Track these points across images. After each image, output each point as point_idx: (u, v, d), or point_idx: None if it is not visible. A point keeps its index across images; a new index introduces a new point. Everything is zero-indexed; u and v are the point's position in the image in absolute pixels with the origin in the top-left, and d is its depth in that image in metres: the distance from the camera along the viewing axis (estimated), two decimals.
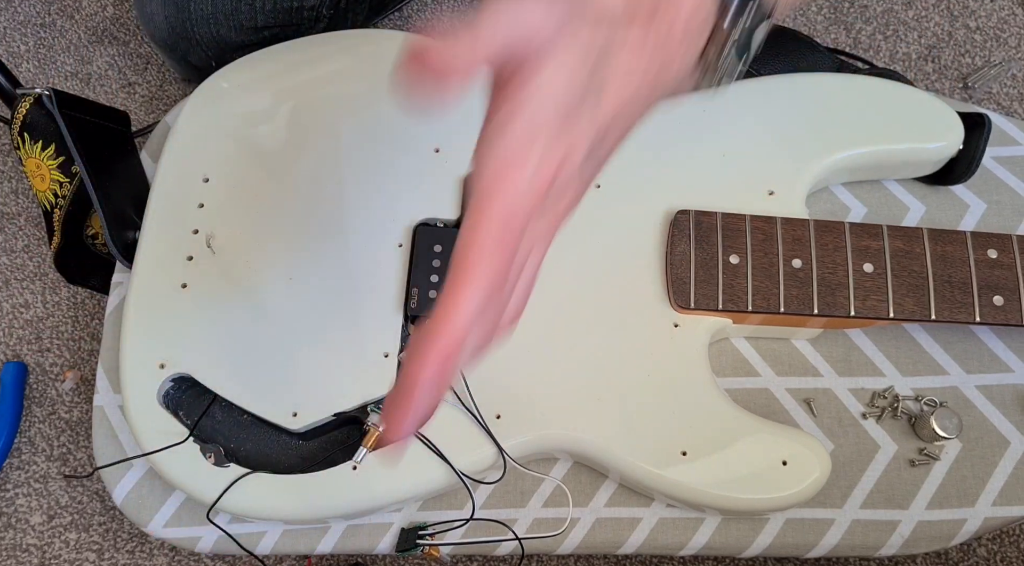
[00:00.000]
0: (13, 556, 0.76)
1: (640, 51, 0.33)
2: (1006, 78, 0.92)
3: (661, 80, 0.35)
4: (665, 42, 0.34)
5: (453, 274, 0.31)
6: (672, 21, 0.34)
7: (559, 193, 0.32)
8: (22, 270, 0.87)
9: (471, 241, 0.31)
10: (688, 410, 0.56)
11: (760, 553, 0.59)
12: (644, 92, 0.35)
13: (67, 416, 0.81)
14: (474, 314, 0.31)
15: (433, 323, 0.32)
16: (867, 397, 0.61)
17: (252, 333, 0.58)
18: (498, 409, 0.56)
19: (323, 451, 0.58)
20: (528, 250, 0.34)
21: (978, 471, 0.59)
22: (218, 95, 0.65)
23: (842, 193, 0.66)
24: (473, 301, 0.31)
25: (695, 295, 0.57)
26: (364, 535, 0.60)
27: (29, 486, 0.78)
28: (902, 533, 0.58)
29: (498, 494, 0.60)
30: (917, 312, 0.57)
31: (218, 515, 0.57)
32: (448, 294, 0.31)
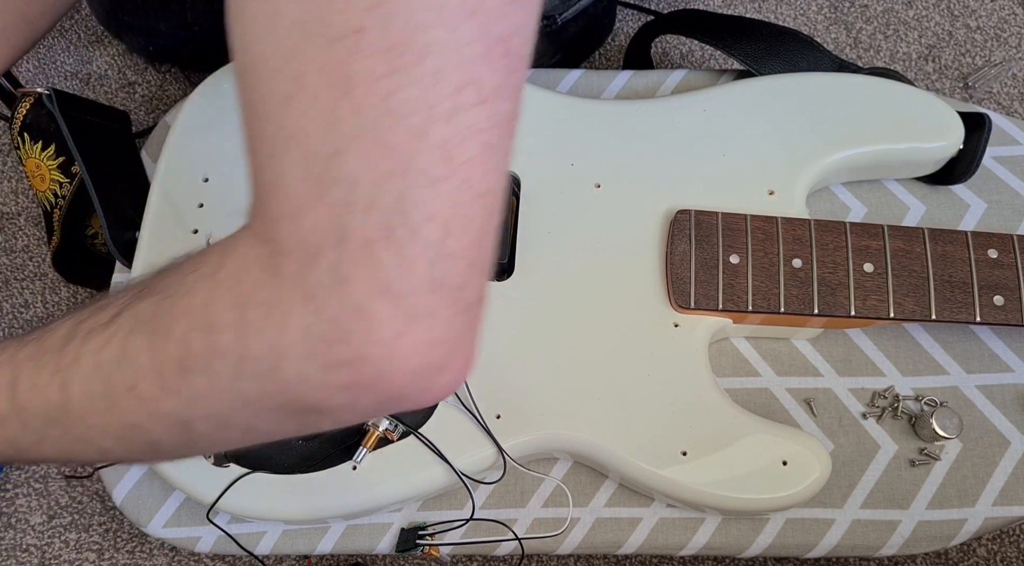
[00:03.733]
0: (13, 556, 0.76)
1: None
2: (1006, 78, 0.92)
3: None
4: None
5: None
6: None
7: None
8: (22, 270, 0.87)
9: None
10: (688, 410, 0.56)
11: (760, 553, 0.59)
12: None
13: None
14: None
15: None
16: (867, 397, 0.61)
17: None
18: (498, 409, 0.56)
19: (323, 451, 0.58)
20: None
21: (978, 471, 0.59)
22: (218, 94, 0.65)
23: (842, 193, 0.66)
24: None
25: (695, 295, 0.57)
26: (364, 535, 0.60)
27: (29, 486, 0.78)
28: (902, 533, 0.58)
29: (498, 494, 0.60)
30: (917, 312, 0.57)
31: (218, 515, 0.57)
32: None
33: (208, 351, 0.32)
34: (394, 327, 0.30)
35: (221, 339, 0.31)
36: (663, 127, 0.62)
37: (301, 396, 0.32)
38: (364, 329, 0.30)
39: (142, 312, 0.33)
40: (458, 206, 0.30)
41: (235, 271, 0.32)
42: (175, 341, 0.32)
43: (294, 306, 0.30)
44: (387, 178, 0.29)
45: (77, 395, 0.34)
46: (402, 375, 0.31)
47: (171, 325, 0.32)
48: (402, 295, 0.30)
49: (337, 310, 0.30)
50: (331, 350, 0.30)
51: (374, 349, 0.30)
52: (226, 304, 0.31)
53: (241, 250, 0.32)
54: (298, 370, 0.31)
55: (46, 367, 0.35)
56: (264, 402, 0.33)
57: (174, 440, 0.35)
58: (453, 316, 0.31)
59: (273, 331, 0.30)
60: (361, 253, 0.29)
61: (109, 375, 0.33)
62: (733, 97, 0.64)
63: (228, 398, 0.33)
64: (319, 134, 0.29)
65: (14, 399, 0.36)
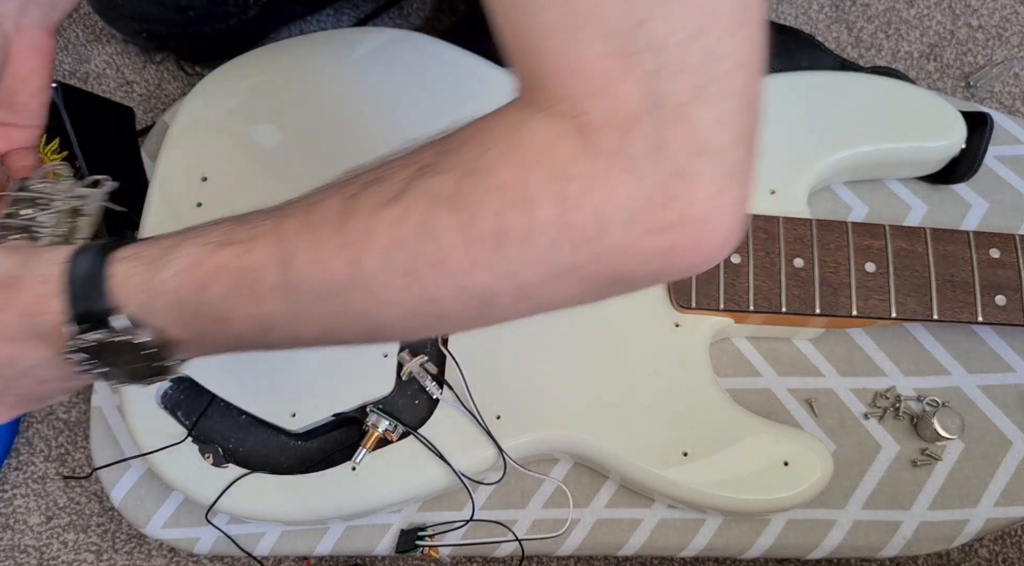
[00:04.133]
0: (11, 557, 0.76)
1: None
2: (1008, 77, 0.92)
3: None
4: None
5: None
6: None
7: None
8: None
9: None
10: (689, 410, 0.55)
11: (761, 554, 0.58)
12: None
13: (65, 417, 0.81)
14: None
15: None
16: (869, 397, 0.61)
17: None
18: (498, 409, 0.56)
19: (322, 452, 0.58)
20: None
21: (980, 471, 0.59)
22: (216, 94, 0.65)
23: (844, 192, 0.66)
24: None
25: (696, 295, 0.57)
26: (363, 536, 0.59)
27: (27, 487, 0.78)
28: (904, 534, 0.58)
29: (498, 495, 0.59)
30: (919, 312, 0.56)
31: (216, 516, 0.56)
32: None
33: (525, 226, 0.32)
34: (714, 186, 0.31)
35: (540, 214, 0.32)
36: None
37: (615, 266, 0.33)
38: (686, 191, 0.31)
39: (438, 189, 0.33)
40: (753, 50, 0.31)
41: (542, 148, 0.32)
42: (488, 218, 0.33)
43: (615, 177, 0.31)
44: (696, 36, 0.30)
45: (371, 270, 0.34)
46: (717, 235, 0.32)
47: (481, 202, 0.33)
48: (719, 152, 0.31)
49: (658, 176, 0.31)
50: (653, 216, 0.31)
51: (695, 210, 0.31)
52: (542, 180, 0.32)
53: (539, 127, 0.32)
54: (618, 240, 0.32)
55: (328, 242, 0.35)
56: (574, 274, 0.34)
57: (465, 314, 0.36)
58: (753, 169, 0.33)
59: (595, 204, 0.32)
60: (677, 115, 0.30)
61: (412, 251, 0.34)
62: None
63: (539, 272, 0.34)
64: (619, 8, 0.30)
65: (286, 275, 0.35)
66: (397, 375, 0.57)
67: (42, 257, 0.39)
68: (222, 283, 0.36)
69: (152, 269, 0.37)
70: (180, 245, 0.37)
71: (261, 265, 0.36)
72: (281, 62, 0.66)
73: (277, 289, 0.36)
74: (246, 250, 0.36)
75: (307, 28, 0.94)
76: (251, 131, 0.63)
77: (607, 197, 0.31)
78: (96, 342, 0.38)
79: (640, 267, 0.33)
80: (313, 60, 0.66)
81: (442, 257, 0.33)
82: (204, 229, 0.38)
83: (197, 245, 0.37)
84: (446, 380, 0.56)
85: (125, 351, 0.38)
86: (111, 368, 0.39)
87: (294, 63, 0.66)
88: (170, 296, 0.37)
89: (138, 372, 0.39)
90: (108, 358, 0.38)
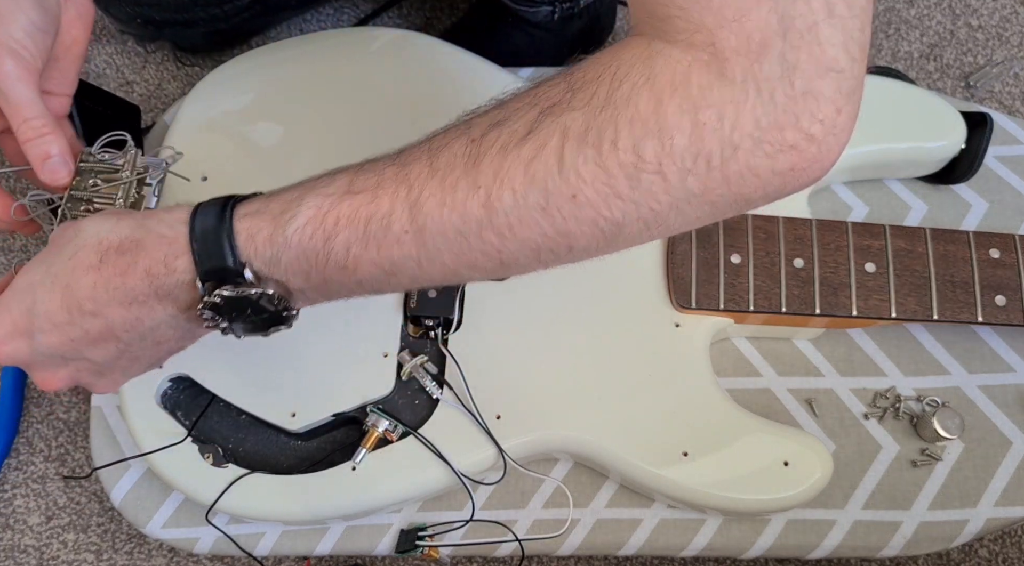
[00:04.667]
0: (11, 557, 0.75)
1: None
2: (1008, 77, 0.92)
3: None
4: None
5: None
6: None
7: None
8: None
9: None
10: (689, 410, 0.55)
11: (761, 554, 0.58)
12: None
13: (65, 417, 0.81)
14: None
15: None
16: (869, 397, 0.61)
17: None
18: (498, 409, 0.55)
19: (322, 451, 0.58)
20: None
21: (980, 471, 0.59)
22: (215, 94, 0.65)
23: (844, 192, 0.66)
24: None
25: (696, 295, 0.57)
26: (363, 536, 0.59)
27: (27, 487, 0.78)
28: (904, 534, 0.58)
29: (498, 495, 0.59)
30: (919, 312, 0.56)
31: (216, 516, 0.56)
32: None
33: (660, 156, 0.34)
34: (836, 103, 0.33)
35: (674, 143, 0.34)
36: None
37: (740, 188, 0.35)
38: (812, 109, 0.33)
39: (571, 125, 0.35)
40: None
41: (677, 78, 0.34)
42: (624, 150, 0.34)
43: (747, 102, 0.33)
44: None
45: (506, 208, 0.36)
46: (833, 153, 0.35)
47: (616, 135, 0.34)
48: (842, 71, 0.33)
49: (787, 98, 0.33)
50: (780, 137, 0.33)
51: (817, 129, 0.34)
52: (677, 109, 0.33)
53: (673, 59, 0.34)
54: (746, 162, 0.34)
55: (459, 183, 0.36)
56: (702, 198, 0.36)
57: (593, 245, 0.38)
58: (863, 86, 0.35)
59: (727, 129, 0.33)
60: (806, 37, 0.32)
61: (547, 187, 0.35)
62: None
63: (669, 199, 0.35)
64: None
65: (415, 219, 0.37)
66: (397, 375, 0.57)
67: (159, 219, 0.40)
68: (350, 232, 0.38)
69: (278, 223, 0.38)
70: (303, 198, 0.39)
71: (390, 211, 0.37)
72: (281, 62, 0.66)
73: (407, 233, 0.37)
74: (372, 198, 0.37)
75: (307, 28, 0.95)
76: (251, 131, 0.63)
77: (739, 122, 0.33)
78: (224, 298, 0.39)
79: (762, 188, 0.35)
80: (313, 60, 0.66)
81: (578, 191, 0.35)
82: (323, 181, 0.39)
83: (320, 196, 0.38)
84: (446, 380, 0.56)
85: (250, 304, 0.40)
86: (232, 322, 0.41)
87: (294, 63, 0.66)
88: (296, 249, 0.38)
89: (259, 324, 0.41)
90: (232, 312, 0.40)
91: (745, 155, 0.34)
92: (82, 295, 0.40)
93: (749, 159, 0.34)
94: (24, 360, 0.42)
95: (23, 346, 0.41)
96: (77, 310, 0.40)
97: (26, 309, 0.41)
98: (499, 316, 0.58)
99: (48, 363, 0.42)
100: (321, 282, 0.40)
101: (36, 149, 0.50)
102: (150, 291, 0.40)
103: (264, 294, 0.39)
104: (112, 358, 0.42)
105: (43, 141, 0.50)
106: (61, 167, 0.50)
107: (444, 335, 0.57)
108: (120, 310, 0.40)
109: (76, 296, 0.40)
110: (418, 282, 0.40)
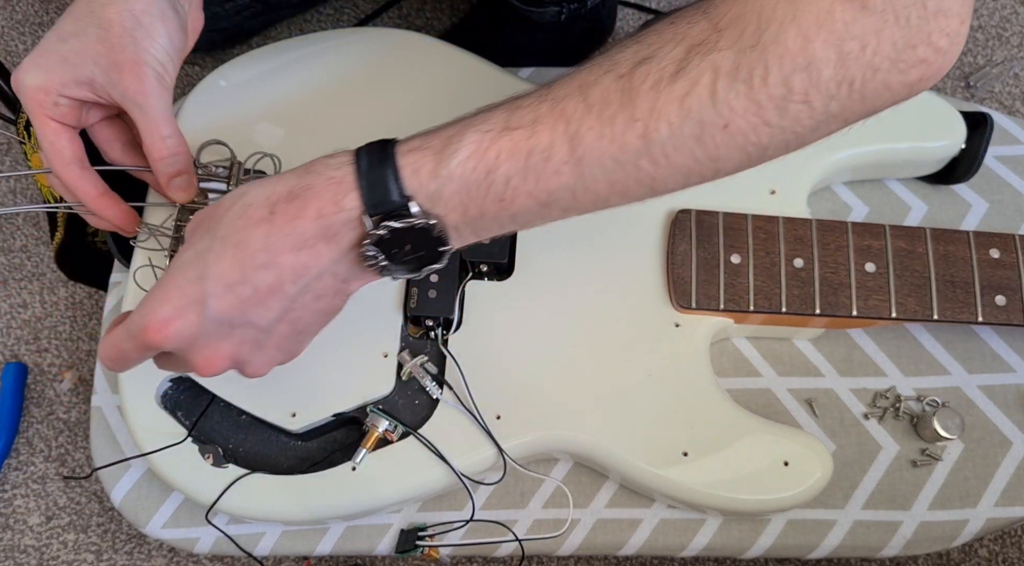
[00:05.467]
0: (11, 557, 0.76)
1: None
2: (1008, 77, 0.92)
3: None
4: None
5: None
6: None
7: None
8: (20, 270, 0.87)
9: None
10: (689, 410, 0.55)
11: (761, 554, 0.58)
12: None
13: (65, 417, 0.81)
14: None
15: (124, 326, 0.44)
16: (869, 397, 0.61)
17: None
18: (498, 409, 0.56)
19: (322, 452, 0.58)
20: None
21: (980, 471, 0.59)
22: (216, 94, 0.65)
23: (844, 192, 0.66)
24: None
25: (696, 295, 0.57)
26: (363, 536, 0.59)
27: (27, 487, 0.78)
28: (904, 534, 0.58)
29: (498, 495, 0.59)
30: (919, 312, 0.57)
31: (217, 516, 0.56)
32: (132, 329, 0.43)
33: (808, 87, 0.38)
34: (960, 16, 0.38)
35: (821, 75, 0.38)
36: None
37: (873, 103, 0.40)
38: (942, 26, 0.37)
39: (721, 63, 0.38)
40: None
41: (819, 16, 0.37)
42: (774, 84, 0.38)
43: (886, 28, 0.37)
44: None
45: (662, 139, 0.40)
46: (952, 60, 0.39)
47: (767, 71, 0.38)
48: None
49: (921, 17, 0.37)
50: (913, 54, 0.38)
51: (946, 40, 0.38)
52: (823, 43, 0.37)
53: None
54: (883, 80, 0.38)
55: (616, 118, 0.40)
56: (839, 118, 0.40)
57: (737, 167, 0.42)
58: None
59: (869, 55, 0.37)
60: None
61: (701, 119, 0.39)
62: None
63: (812, 122, 0.40)
64: None
65: (574, 151, 0.40)
66: (397, 375, 0.57)
67: (323, 164, 0.43)
68: (510, 165, 0.41)
69: (439, 158, 0.41)
70: (462, 134, 0.41)
71: (549, 144, 0.40)
72: (282, 62, 0.66)
73: (566, 164, 0.41)
74: (531, 133, 0.40)
75: (308, 28, 0.95)
76: (252, 131, 0.63)
77: (879, 47, 0.37)
78: (391, 231, 0.41)
79: (891, 99, 0.40)
80: (314, 60, 0.66)
81: (729, 122, 0.39)
82: (478, 118, 0.42)
83: (479, 133, 0.41)
84: (446, 380, 0.56)
85: (412, 239, 0.42)
86: (392, 260, 0.42)
87: (295, 63, 0.66)
88: (459, 181, 0.41)
89: (416, 262, 0.43)
90: (394, 248, 0.42)
91: (883, 75, 0.38)
92: (255, 247, 0.41)
93: (885, 78, 0.38)
94: (191, 336, 0.42)
95: (192, 319, 0.42)
96: (250, 265, 0.41)
97: (196, 277, 0.42)
98: (499, 316, 0.58)
99: (213, 335, 0.43)
100: (478, 216, 0.42)
101: (169, 167, 0.53)
102: (319, 233, 0.41)
103: (428, 225, 0.41)
104: (275, 320, 0.44)
105: (175, 160, 0.53)
106: (188, 186, 0.55)
107: (444, 335, 0.57)
108: (291, 256, 0.41)
109: (248, 250, 0.41)
110: (569, 212, 0.44)
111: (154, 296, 0.42)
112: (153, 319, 0.42)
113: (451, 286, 0.57)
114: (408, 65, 0.65)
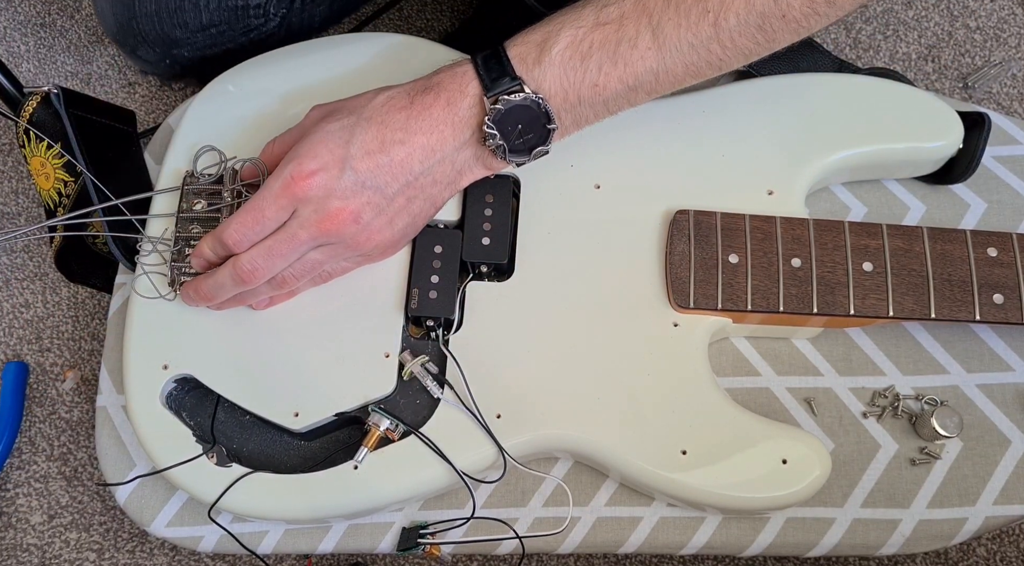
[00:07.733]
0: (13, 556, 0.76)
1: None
2: (1006, 78, 0.92)
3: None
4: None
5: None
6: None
7: None
8: (22, 270, 0.87)
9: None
10: (688, 409, 0.56)
11: (761, 552, 0.59)
12: None
13: (67, 416, 0.81)
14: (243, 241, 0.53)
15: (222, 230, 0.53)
16: (868, 396, 0.61)
17: (254, 334, 0.58)
18: (498, 409, 0.56)
19: (324, 451, 0.58)
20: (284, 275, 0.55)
21: (979, 470, 0.59)
22: (223, 98, 0.66)
23: (842, 193, 0.66)
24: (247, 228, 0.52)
25: (694, 295, 0.57)
26: (365, 535, 0.60)
27: (29, 486, 0.78)
28: (903, 532, 0.58)
29: (499, 493, 0.60)
30: (917, 311, 0.57)
31: (220, 515, 0.57)
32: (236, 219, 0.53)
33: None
34: None
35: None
36: (662, 128, 0.62)
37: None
38: None
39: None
40: None
41: None
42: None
43: None
44: None
45: (730, 27, 0.49)
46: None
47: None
48: None
49: None
50: None
51: None
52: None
53: None
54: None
55: (692, 11, 0.49)
56: None
57: (789, 43, 0.52)
58: None
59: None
60: None
61: (763, 11, 0.49)
62: (732, 98, 0.64)
63: (852, 7, 0.51)
64: None
65: (656, 37, 0.50)
66: (398, 375, 0.57)
67: (447, 67, 0.53)
68: (602, 53, 0.50)
69: (541, 49, 0.51)
70: (559, 30, 0.50)
71: (636, 35, 0.50)
72: (285, 67, 0.66)
73: (650, 50, 0.50)
74: (620, 26, 0.50)
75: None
76: (258, 135, 0.64)
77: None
78: (506, 106, 0.50)
79: None
80: (315, 64, 0.66)
81: (787, 12, 0.49)
82: (569, 18, 0.51)
83: (573, 28, 0.50)
84: (447, 380, 0.57)
85: (524, 118, 0.51)
86: (508, 139, 0.51)
87: (298, 67, 0.66)
88: (559, 67, 0.50)
89: (526, 144, 0.52)
90: (508, 126, 0.51)
91: None
92: (395, 126, 0.51)
93: None
94: (330, 189, 0.51)
95: (335, 173, 0.51)
96: (390, 139, 0.51)
97: (343, 141, 0.51)
98: (499, 317, 0.58)
99: (347, 191, 0.51)
100: (576, 102, 0.51)
101: None
102: (447, 119, 0.51)
103: (536, 100, 0.50)
104: (397, 192, 0.52)
105: None
106: None
107: (445, 336, 0.58)
108: (422, 137, 0.51)
109: (391, 128, 0.51)
110: (652, 94, 0.53)
111: (300, 154, 0.51)
112: (300, 170, 0.51)
113: (452, 287, 0.58)
114: (409, 69, 0.65)
